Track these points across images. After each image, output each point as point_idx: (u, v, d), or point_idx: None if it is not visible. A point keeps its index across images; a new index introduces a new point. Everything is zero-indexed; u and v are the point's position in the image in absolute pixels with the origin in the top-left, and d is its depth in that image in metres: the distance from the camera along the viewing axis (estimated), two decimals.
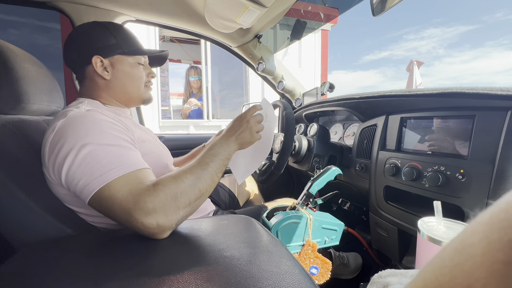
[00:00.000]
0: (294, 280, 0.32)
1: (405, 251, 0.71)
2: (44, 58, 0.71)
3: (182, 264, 0.36)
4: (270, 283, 0.31)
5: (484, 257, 0.11)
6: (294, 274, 0.34)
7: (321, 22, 1.54)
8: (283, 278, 0.33)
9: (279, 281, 0.32)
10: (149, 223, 0.42)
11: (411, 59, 4.65)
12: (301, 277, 0.33)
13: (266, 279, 0.32)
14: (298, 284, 0.32)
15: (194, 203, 0.47)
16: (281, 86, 1.26)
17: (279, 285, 0.31)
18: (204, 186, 0.49)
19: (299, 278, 0.33)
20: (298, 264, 0.36)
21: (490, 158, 0.50)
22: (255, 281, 0.32)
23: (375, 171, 0.76)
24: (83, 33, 0.62)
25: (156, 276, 0.33)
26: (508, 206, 0.11)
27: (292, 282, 0.32)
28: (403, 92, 0.70)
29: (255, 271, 0.34)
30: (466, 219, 0.53)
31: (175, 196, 0.44)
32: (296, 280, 0.32)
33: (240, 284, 0.31)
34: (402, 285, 0.28)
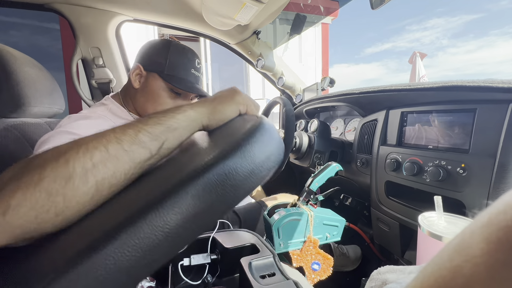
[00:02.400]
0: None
1: (407, 246, 0.71)
2: (44, 59, 0.71)
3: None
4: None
5: (484, 258, 0.11)
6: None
7: (321, 16, 1.52)
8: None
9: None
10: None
11: (414, 51, 4.58)
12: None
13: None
14: None
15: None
16: (281, 82, 1.26)
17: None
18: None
19: None
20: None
21: (491, 152, 0.50)
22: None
23: (376, 166, 0.76)
24: (152, 45, 0.68)
25: None
26: (507, 208, 0.11)
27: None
28: (403, 87, 0.69)
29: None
30: (467, 213, 0.53)
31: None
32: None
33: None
34: (400, 281, 0.28)
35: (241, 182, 0.23)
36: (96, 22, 0.92)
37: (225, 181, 0.22)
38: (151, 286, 0.47)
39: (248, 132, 0.25)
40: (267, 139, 0.26)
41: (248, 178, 0.23)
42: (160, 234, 0.19)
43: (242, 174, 0.23)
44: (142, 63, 0.66)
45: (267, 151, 0.25)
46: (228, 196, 0.22)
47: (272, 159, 0.26)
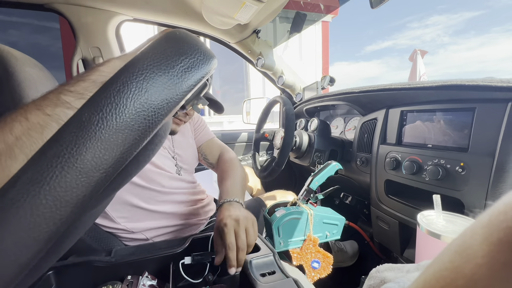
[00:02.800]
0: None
1: (406, 244, 0.71)
2: (45, 59, 0.71)
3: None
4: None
5: (484, 259, 0.11)
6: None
7: (321, 14, 1.52)
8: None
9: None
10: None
11: (414, 48, 4.57)
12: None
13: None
14: None
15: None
16: (281, 81, 1.26)
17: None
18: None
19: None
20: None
21: (490, 151, 0.50)
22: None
23: (376, 165, 0.76)
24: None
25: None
26: (507, 208, 0.11)
27: None
28: (403, 85, 0.69)
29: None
30: (466, 212, 0.54)
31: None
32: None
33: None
34: (398, 279, 0.29)
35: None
36: (96, 21, 0.92)
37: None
38: (152, 285, 0.48)
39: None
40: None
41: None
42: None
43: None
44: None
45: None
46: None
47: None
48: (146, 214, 0.67)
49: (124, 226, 0.65)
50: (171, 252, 0.53)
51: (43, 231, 0.18)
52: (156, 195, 0.68)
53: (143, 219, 0.67)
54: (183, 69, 0.22)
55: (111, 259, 0.50)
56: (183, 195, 0.73)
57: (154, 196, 0.67)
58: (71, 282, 0.48)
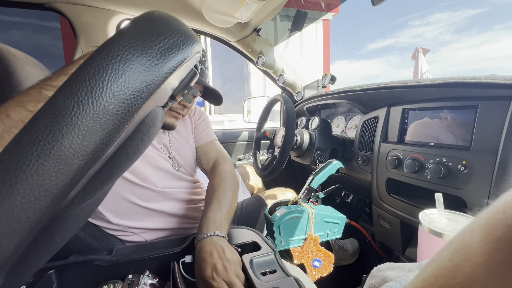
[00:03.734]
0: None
1: (408, 243, 0.71)
2: (45, 58, 0.71)
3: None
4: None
5: (483, 257, 0.11)
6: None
7: (322, 12, 1.51)
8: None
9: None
10: None
11: (416, 47, 4.54)
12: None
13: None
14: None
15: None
16: (282, 80, 1.25)
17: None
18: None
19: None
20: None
21: (493, 149, 0.50)
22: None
23: (377, 163, 0.76)
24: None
25: None
26: (506, 206, 0.11)
27: None
28: (404, 83, 0.69)
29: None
30: (469, 210, 0.53)
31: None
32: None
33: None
34: (400, 278, 0.28)
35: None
36: (96, 21, 0.92)
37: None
38: (153, 283, 0.48)
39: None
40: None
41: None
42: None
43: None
44: None
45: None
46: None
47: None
48: (144, 213, 0.66)
49: (122, 227, 0.65)
50: (171, 251, 0.53)
51: (23, 221, 0.18)
52: (152, 194, 0.67)
53: (140, 218, 0.66)
54: (162, 50, 0.21)
55: (112, 258, 0.50)
56: (183, 194, 0.73)
57: (150, 194, 0.67)
58: (72, 281, 0.49)
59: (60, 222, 0.28)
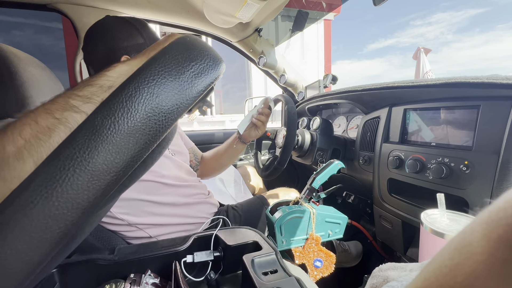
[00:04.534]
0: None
1: (410, 243, 0.71)
2: (48, 59, 0.72)
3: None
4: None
5: (484, 256, 0.11)
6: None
7: (323, 12, 1.51)
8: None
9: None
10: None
11: (418, 46, 4.53)
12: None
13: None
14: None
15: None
16: (283, 80, 1.25)
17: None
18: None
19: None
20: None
21: (495, 149, 0.50)
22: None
23: (379, 163, 0.76)
24: (110, 29, 0.59)
25: None
26: (507, 205, 0.11)
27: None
28: (406, 83, 0.69)
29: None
30: (471, 210, 0.53)
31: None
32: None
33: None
34: (401, 278, 0.28)
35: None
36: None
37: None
38: (155, 283, 0.48)
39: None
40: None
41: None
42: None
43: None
44: (124, 53, 0.59)
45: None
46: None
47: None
48: (148, 208, 0.67)
49: (126, 222, 0.65)
50: (173, 251, 0.53)
51: (55, 233, 0.19)
52: (155, 185, 0.68)
53: (144, 214, 0.67)
54: (193, 75, 0.22)
55: (114, 257, 0.50)
56: (185, 188, 0.74)
57: (154, 186, 0.68)
58: (75, 280, 0.49)
59: (77, 230, 0.29)
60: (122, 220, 0.65)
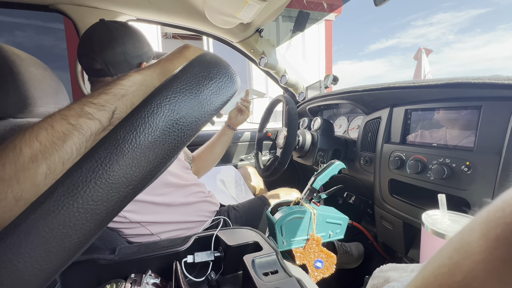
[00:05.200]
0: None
1: (411, 244, 0.71)
2: (49, 59, 0.72)
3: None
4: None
5: (482, 255, 0.11)
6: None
7: (324, 12, 1.51)
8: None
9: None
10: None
11: (419, 47, 4.52)
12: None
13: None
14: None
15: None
16: (284, 80, 1.25)
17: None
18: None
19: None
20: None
21: (497, 149, 0.49)
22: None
23: (380, 164, 0.76)
24: (129, 36, 0.61)
25: None
26: (505, 205, 0.11)
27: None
28: (407, 84, 0.69)
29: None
30: (472, 211, 0.53)
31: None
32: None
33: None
34: (402, 279, 0.28)
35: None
36: None
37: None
38: (155, 283, 0.48)
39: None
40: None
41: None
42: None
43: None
44: (143, 60, 0.63)
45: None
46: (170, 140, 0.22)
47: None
48: (150, 207, 0.68)
49: (128, 220, 0.66)
50: (174, 251, 0.53)
51: (73, 242, 0.19)
52: (158, 185, 0.69)
53: (146, 213, 0.68)
54: (212, 93, 0.24)
55: (115, 257, 0.50)
56: (185, 187, 0.74)
57: (156, 187, 0.68)
58: (76, 279, 0.49)
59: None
60: (124, 218, 0.65)
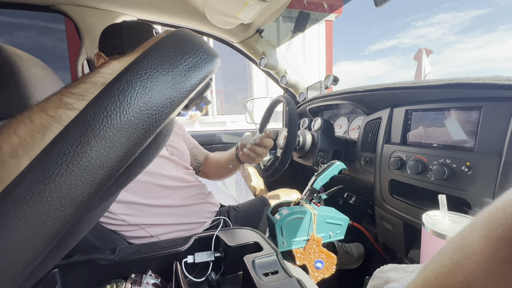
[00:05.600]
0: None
1: (411, 245, 0.70)
2: (50, 60, 0.72)
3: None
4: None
5: (483, 256, 0.11)
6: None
7: (325, 13, 1.51)
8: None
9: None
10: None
11: (419, 47, 4.52)
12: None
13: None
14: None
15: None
16: (284, 81, 1.25)
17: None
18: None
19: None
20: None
21: (497, 150, 0.49)
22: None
23: (380, 164, 0.76)
24: (107, 29, 0.67)
25: None
26: (506, 205, 0.11)
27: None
28: (407, 84, 0.69)
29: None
30: (473, 212, 0.53)
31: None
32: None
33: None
34: (402, 279, 0.28)
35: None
36: (100, 22, 0.92)
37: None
38: (156, 283, 0.48)
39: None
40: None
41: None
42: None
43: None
44: (102, 50, 0.67)
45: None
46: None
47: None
48: (148, 210, 0.67)
49: (126, 222, 0.66)
50: (174, 251, 0.53)
51: (49, 228, 0.19)
52: (155, 188, 0.68)
53: (145, 215, 0.67)
54: (186, 68, 0.22)
55: (115, 257, 0.50)
56: (184, 189, 0.74)
57: (153, 189, 0.68)
58: (76, 279, 0.49)
59: (75, 227, 0.29)
60: (122, 221, 0.65)
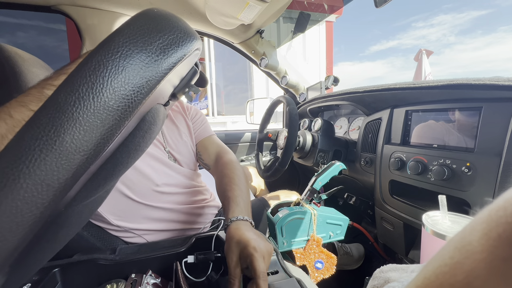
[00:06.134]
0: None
1: (411, 245, 0.70)
2: (51, 60, 0.72)
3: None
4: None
5: (484, 255, 0.11)
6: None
7: (325, 14, 1.51)
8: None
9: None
10: None
11: (420, 48, 4.52)
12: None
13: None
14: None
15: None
16: (285, 81, 1.26)
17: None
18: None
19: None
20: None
21: (497, 151, 0.49)
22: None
23: (380, 165, 0.76)
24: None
25: None
26: (507, 204, 0.11)
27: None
28: (408, 85, 0.69)
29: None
30: (472, 212, 0.53)
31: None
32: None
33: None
34: (402, 279, 0.28)
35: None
36: (101, 23, 0.93)
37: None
38: (156, 283, 0.48)
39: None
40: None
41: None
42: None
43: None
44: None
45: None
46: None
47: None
48: (145, 215, 0.65)
49: (123, 229, 0.64)
50: (174, 251, 0.53)
51: (26, 216, 0.18)
52: (153, 193, 0.66)
53: (141, 221, 0.65)
54: (161, 46, 0.21)
55: (115, 257, 0.51)
56: (184, 194, 0.72)
57: (151, 194, 0.66)
58: (76, 279, 0.49)
59: (63, 218, 0.28)
60: (118, 227, 0.64)
